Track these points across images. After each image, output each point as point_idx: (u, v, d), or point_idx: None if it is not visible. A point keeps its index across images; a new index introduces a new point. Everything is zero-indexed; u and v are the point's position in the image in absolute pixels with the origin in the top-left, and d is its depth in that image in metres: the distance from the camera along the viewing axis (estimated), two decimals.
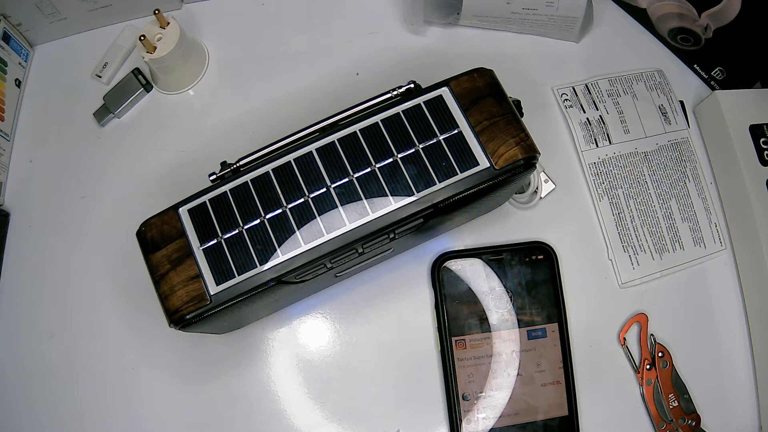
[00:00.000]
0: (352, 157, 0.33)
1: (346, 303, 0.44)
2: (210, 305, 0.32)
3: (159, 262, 0.33)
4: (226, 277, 0.32)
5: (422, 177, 0.33)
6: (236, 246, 0.32)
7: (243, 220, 0.33)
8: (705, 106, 0.47)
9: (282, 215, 0.32)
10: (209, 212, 0.33)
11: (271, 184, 0.33)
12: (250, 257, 0.32)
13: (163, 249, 0.33)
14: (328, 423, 0.41)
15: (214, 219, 0.33)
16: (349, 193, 0.33)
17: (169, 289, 0.32)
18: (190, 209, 0.33)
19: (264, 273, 0.32)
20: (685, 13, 0.45)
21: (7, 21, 0.48)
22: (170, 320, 0.32)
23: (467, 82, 0.34)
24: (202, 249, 0.33)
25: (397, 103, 0.34)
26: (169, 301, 0.32)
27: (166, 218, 0.34)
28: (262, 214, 0.33)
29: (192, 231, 0.33)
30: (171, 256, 0.33)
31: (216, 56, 0.50)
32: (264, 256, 0.32)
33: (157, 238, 0.33)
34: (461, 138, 0.33)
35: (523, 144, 0.33)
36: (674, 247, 0.45)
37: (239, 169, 0.35)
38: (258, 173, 0.33)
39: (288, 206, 0.33)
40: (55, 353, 0.43)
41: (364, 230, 0.32)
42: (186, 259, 0.33)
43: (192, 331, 0.34)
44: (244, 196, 0.33)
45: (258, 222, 0.33)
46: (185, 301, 0.32)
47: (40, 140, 0.49)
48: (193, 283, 0.32)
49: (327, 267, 0.34)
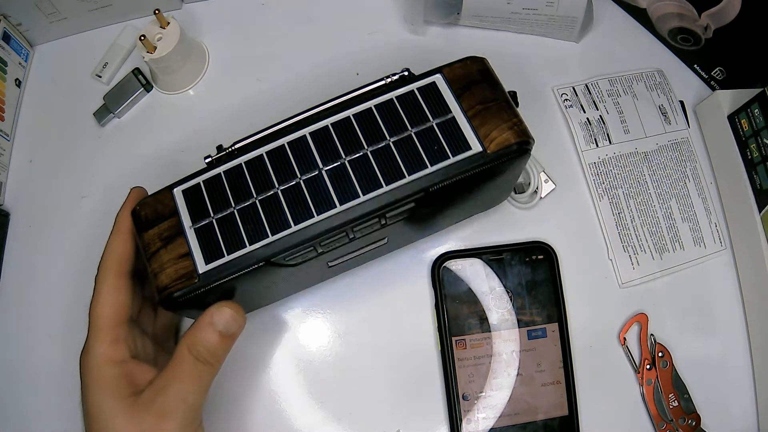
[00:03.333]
0: (345, 141, 0.33)
1: (347, 303, 0.44)
2: (197, 283, 0.32)
3: (151, 239, 0.33)
4: (215, 256, 0.32)
5: (414, 161, 0.33)
6: (227, 226, 0.32)
7: (235, 201, 0.33)
8: (705, 106, 0.47)
9: (273, 197, 0.33)
10: (202, 193, 0.33)
11: (264, 167, 0.33)
12: (240, 237, 0.32)
13: (155, 227, 0.33)
14: (328, 423, 0.41)
15: (207, 199, 0.33)
16: (341, 176, 0.33)
17: (159, 267, 0.32)
18: (184, 190, 0.34)
19: (253, 253, 0.32)
20: (685, 13, 0.45)
21: (7, 21, 0.48)
22: (158, 298, 0.32)
23: (460, 68, 0.35)
24: (194, 228, 0.33)
25: (390, 89, 0.34)
26: (159, 279, 0.32)
27: (161, 198, 0.34)
28: (255, 196, 0.33)
29: (185, 210, 0.33)
30: (162, 234, 0.33)
31: (216, 56, 0.50)
32: (254, 237, 0.32)
33: (150, 216, 0.33)
34: (454, 123, 0.33)
35: (516, 129, 0.33)
36: (674, 247, 0.45)
37: (234, 152, 0.35)
38: (252, 156, 0.34)
39: (280, 188, 0.33)
40: (55, 353, 0.43)
41: (354, 212, 0.32)
42: (177, 237, 0.33)
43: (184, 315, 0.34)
44: (238, 178, 0.33)
45: (250, 203, 0.33)
46: (174, 279, 0.32)
47: (40, 140, 0.49)
48: (183, 261, 0.32)
49: (317, 251, 0.34)
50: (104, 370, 0.32)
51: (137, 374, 0.33)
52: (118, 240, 0.35)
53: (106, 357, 0.33)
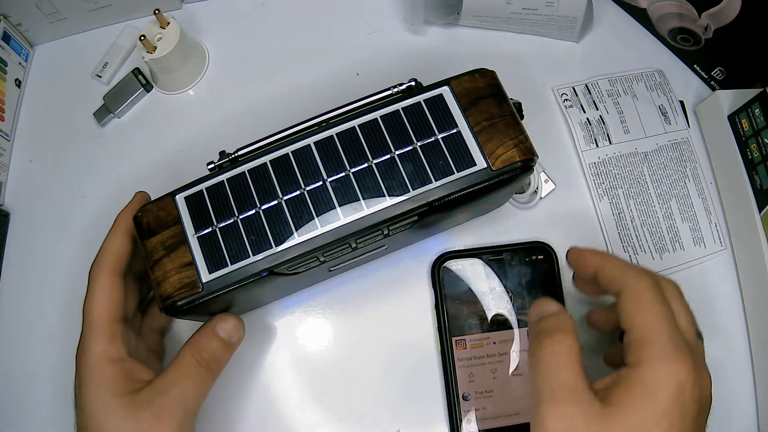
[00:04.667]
0: (350, 152, 0.33)
1: (346, 303, 0.44)
2: (201, 293, 0.32)
3: (154, 247, 0.33)
4: (218, 265, 0.32)
5: (419, 175, 0.33)
6: (230, 235, 0.32)
7: (238, 210, 0.33)
8: (705, 106, 0.47)
9: (277, 207, 0.33)
10: (205, 200, 0.33)
11: (268, 176, 0.33)
12: (243, 247, 0.32)
13: (158, 235, 0.33)
14: (328, 423, 0.41)
15: (209, 207, 0.33)
16: (345, 187, 0.33)
17: (162, 275, 0.32)
18: (186, 197, 0.34)
19: (256, 263, 0.32)
20: (685, 13, 0.45)
21: (7, 21, 0.48)
22: (162, 306, 0.32)
23: (468, 82, 0.34)
24: (197, 236, 0.33)
25: (397, 100, 0.34)
26: (162, 287, 0.32)
27: (163, 205, 0.34)
28: (258, 205, 0.33)
29: (187, 218, 0.33)
30: (165, 242, 0.33)
31: (216, 56, 0.50)
32: (257, 247, 0.32)
33: (152, 224, 0.33)
34: (459, 137, 0.33)
35: (522, 146, 0.33)
36: (674, 247, 0.45)
37: (237, 159, 0.35)
38: (255, 164, 0.34)
39: (284, 198, 0.33)
40: (54, 353, 0.43)
41: (357, 225, 0.32)
42: (180, 246, 0.33)
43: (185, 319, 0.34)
44: (241, 186, 0.33)
45: (253, 212, 0.33)
46: (177, 288, 0.32)
47: (40, 140, 0.49)
48: (186, 270, 0.32)
49: (320, 260, 0.34)
50: (102, 366, 0.32)
51: (134, 373, 0.33)
52: (116, 239, 0.35)
53: (105, 354, 0.33)
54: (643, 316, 0.29)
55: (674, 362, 0.28)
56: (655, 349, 0.28)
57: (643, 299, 0.30)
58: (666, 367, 0.28)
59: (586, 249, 0.35)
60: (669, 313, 0.30)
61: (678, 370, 0.28)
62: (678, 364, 0.28)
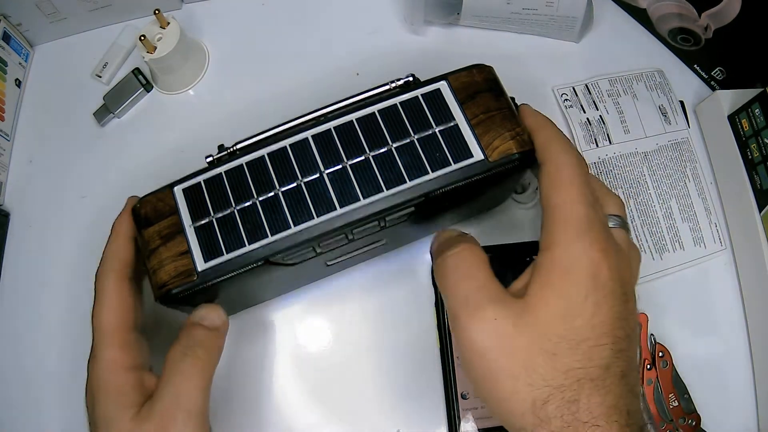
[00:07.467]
0: (347, 145, 0.33)
1: (346, 301, 0.44)
2: (196, 281, 0.32)
3: (150, 237, 0.33)
4: (214, 254, 0.32)
5: (415, 166, 0.33)
6: (227, 225, 0.33)
7: (236, 201, 0.33)
8: (705, 106, 0.47)
9: (274, 198, 0.33)
10: (203, 192, 0.33)
11: (266, 168, 0.33)
12: (239, 236, 0.32)
13: (155, 225, 0.33)
14: (328, 423, 0.41)
15: (207, 199, 0.33)
16: (342, 179, 0.33)
17: (158, 264, 0.32)
18: (184, 188, 0.34)
19: (252, 252, 0.32)
20: (685, 13, 0.46)
21: (7, 21, 0.48)
22: (157, 295, 0.32)
23: (466, 76, 0.34)
24: (194, 227, 0.33)
25: (395, 95, 0.34)
26: (157, 275, 0.32)
27: (161, 196, 0.34)
28: (255, 196, 0.33)
29: (185, 209, 0.33)
30: (162, 232, 0.33)
31: (216, 56, 0.50)
32: (253, 237, 0.32)
33: (150, 214, 0.33)
34: (456, 130, 0.33)
35: (519, 138, 0.33)
36: (674, 247, 0.45)
37: (235, 152, 0.35)
38: (253, 156, 0.34)
39: (281, 189, 0.33)
40: (54, 354, 0.43)
41: (353, 215, 0.32)
42: (177, 235, 0.33)
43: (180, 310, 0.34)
44: (239, 178, 0.33)
45: (250, 203, 0.33)
46: (172, 276, 0.32)
47: (40, 140, 0.49)
48: (182, 259, 0.32)
49: (316, 252, 0.34)
50: (114, 377, 0.31)
51: (147, 382, 0.32)
52: (118, 244, 0.34)
53: (117, 364, 0.31)
54: (559, 194, 0.28)
55: (588, 242, 0.26)
56: (570, 229, 0.27)
57: (563, 175, 0.28)
58: (581, 246, 0.26)
59: (532, 110, 0.33)
60: (588, 193, 0.28)
61: (592, 249, 0.26)
62: (592, 244, 0.26)
